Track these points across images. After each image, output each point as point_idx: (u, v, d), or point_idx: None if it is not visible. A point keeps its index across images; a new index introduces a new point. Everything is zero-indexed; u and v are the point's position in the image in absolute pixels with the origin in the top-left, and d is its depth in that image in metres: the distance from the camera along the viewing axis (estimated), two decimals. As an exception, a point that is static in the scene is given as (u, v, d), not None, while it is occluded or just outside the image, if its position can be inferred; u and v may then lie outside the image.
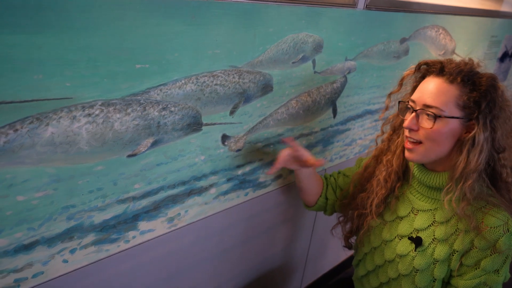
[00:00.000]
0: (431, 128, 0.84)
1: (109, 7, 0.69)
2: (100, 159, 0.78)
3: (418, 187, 0.97)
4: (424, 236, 0.92)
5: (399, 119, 1.01)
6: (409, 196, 0.99)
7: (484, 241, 0.83)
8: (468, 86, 0.84)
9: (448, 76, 0.85)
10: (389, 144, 1.04)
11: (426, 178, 0.94)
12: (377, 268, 1.04)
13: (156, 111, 0.83)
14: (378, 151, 1.07)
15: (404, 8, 1.42)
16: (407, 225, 0.96)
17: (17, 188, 0.69)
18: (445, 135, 0.85)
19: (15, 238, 0.72)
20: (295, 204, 1.42)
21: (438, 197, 0.93)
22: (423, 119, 0.86)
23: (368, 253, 1.07)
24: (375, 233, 1.03)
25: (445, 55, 1.83)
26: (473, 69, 0.87)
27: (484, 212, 0.85)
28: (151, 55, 0.78)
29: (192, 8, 0.80)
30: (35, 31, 0.62)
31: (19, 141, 0.66)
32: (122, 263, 0.92)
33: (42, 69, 0.65)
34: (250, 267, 1.39)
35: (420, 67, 0.94)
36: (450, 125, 0.84)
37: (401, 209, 0.99)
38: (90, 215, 0.81)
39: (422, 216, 0.94)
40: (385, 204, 1.03)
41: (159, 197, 0.93)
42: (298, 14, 1.04)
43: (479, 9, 1.98)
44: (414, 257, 0.92)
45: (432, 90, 0.85)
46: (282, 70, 1.07)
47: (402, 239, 0.96)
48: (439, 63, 0.88)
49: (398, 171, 1.00)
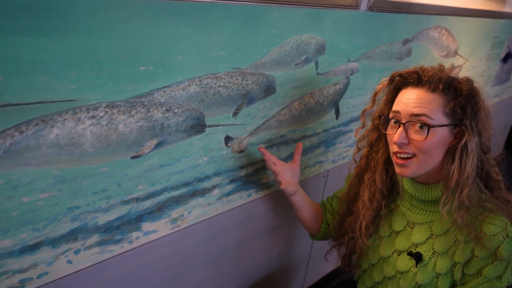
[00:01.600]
0: (425, 140, 0.82)
1: (114, 9, 0.69)
2: (104, 160, 0.79)
3: (412, 201, 0.95)
4: (423, 250, 0.90)
5: (375, 134, 0.98)
6: (402, 210, 0.96)
7: (484, 249, 0.82)
8: (451, 92, 0.83)
9: (428, 85, 0.83)
10: (368, 161, 1.00)
11: (419, 193, 0.91)
12: (376, 285, 1.02)
13: (160, 112, 0.83)
14: (359, 169, 1.04)
15: (406, 10, 1.42)
16: (404, 239, 0.94)
17: (22, 189, 0.69)
18: (437, 145, 0.83)
19: (20, 239, 0.73)
20: (297, 205, 1.42)
21: (433, 209, 0.91)
22: (413, 131, 0.83)
23: (366, 270, 1.05)
24: (372, 250, 1.01)
25: (447, 56, 1.83)
26: (450, 75, 0.85)
27: (481, 220, 0.83)
28: (155, 57, 0.78)
29: (195, 10, 0.81)
30: (40, 33, 0.62)
31: (25, 143, 0.67)
32: (126, 264, 0.93)
33: (47, 72, 0.65)
34: (253, 267, 1.39)
35: (393, 79, 0.91)
36: (440, 134, 0.82)
37: (396, 223, 0.97)
38: (94, 216, 0.82)
39: (419, 230, 0.92)
40: (374, 224, 1.00)
41: (162, 198, 0.93)
42: (301, 16, 1.04)
43: (481, 10, 1.98)
44: (416, 273, 0.90)
45: (417, 100, 0.83)
46: (285, 71, 1.08)
47: (400, 254, 0.94)
48: (415, 73, 0.86)
49: (382, 189, 0.97)
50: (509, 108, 3.11)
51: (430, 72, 0.85)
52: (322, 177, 1.46)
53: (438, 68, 0.87)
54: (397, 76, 0.90)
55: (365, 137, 1.02)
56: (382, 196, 0.97)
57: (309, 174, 1.39)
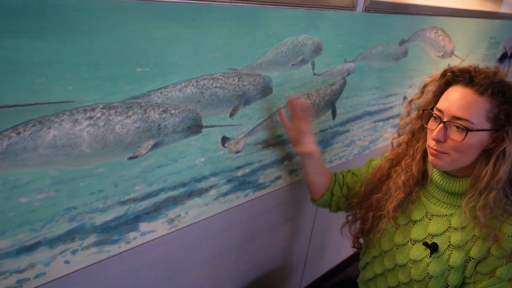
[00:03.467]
0: (462, 141, 0.82)
1: (110, 11, 0.69)
2: (102, 161, 0.79)
3: (435, 192, 0.96)
4: (439, 242, 0.91)
5: (418, 123, 1.00)
6: (423, 200, 0.98)
7: (501, 249, 0.82)
8: (498, 98, 0.82)
9: (478, 87, 0.82)
10: (408, 148, 1.02)
11: (446, 184, 0.92)
12: (387, 272, 1.03)
13: (156, 113, 0.84)
14: (394, 154, 1.06)
15: (402, 10, 1.43)
16: (420, 229, 0.95)
17: (20, 190, 0.70)
18: (473, 147, 0.84)
19: (18, 239, 0.73)
20: (294, 205, 1.43)
21: (455, 203, 0.92)
22: (452, 131, 0.84)
23: (377, 256, 1.06)
24: (386, 236, 1.02)
25: (444, 56, 1.84)
26: (502, 80, 0.84)
27: (502, 220, 0.84)
28: (152, 59, 0.79)
29: (192, 11, 0.81)
30: (37, 35, 0.63)
31: (22, 144, 0.67)
32: (123, 264, 0.93)
33: (44, 73, 0.65)
34: (250, 268, 1.40)
35: (445, 74, 0.91)
36: (479, 137, 0.83)
37: (415, 213, 0.98)
38: (92, 216, 0.82)
39: (437, 221, 0.93)
40: (401, 208, 1.01)
41: (159, 198, 0.94)
42: (298, 17, 1.05)
43: (478, 11, 1.99)
44: (428, 263, 0.91)
45: (461, 102, 0.83)
46: (281, 72, 1.08)
47: (415, 244, 0.95)
48: (467, 72, 0.85)
49: (417, 176, 0.99)
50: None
51: (483, 74, 0.84)
52: (319, 177, 1.47)
53: (492, 71, 0.86)
54: (449, 72, 0.89)
55: (408, 124, 1.04)
56: (416, 182, 1.00)
57: (306, 174, 1.39)
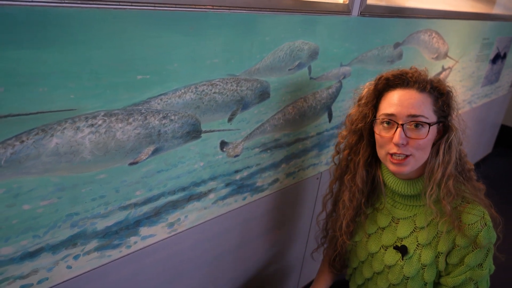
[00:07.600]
0: (425, 138, 0.85)
1: (110, 21, 0.71)
2: (103, 167, 0.80)
3: (394, 197, 0.98)
4: (408, 243, 0.94)
5: (354, 137, 1.00)
6: (387, 207, 1.00)
7: (464, 238, 0.86)
8: (435, 92, 0.88)
9: (417, 85, 0.87)
10: (348, 163, 1.03)
11: (402, 189, 0.94)
12: (367, 282, 1.05)
13: (156, 120, 0.85)
14: (339, 171, 1.07)
15: (397, 14, 1.45)
16: (390, 235, 0.98)
17: (23, 197, 0.71)
18: (431, 142, 0.89)
19: (21, 246, 0.74)
20: (291, 208, 1.44)
21: (416, 203, 0.95)
22: (411, 130, 0.86)
23: (357, 268, 1.09)
24: (360, 247, 1.04)
25: (438, 58, 1.86)
26: (427, 76, 0.91)
27: (460, 210, 0.88)
28: (152, 66, 0.80)
29: (190, 19, 0.83)
30: (39, 46, 0.64)
31: (25, 152, 0.68)
32: (124, 268, 0.95)
33: (47, 82, 0.67)
34: (248, 269, 1.41)
35: (379, 82, 0.93)
36: (434, 131, 0.88)
37: (382, 220, 1.00)
38: (93, 222, 0.84)
39: (403, 224, 0.96)
40: (355, 222, 1.03)
41: (159, 203, 0.95)
42: (294, 22, 1.07)
43: (470, 13, 2.02)
44: (402, 266, 0.94)
45: (411, 101, 0.86)
46: (279, 77, 1.10)
47: (387, 249, 0.98)
48: (401, 75, 0.89)
49: (362, 188, 1.00)
50: (499, 107, 3.17)
51: (415, 73, 0.89)
52: (316, 179, 1.49)
53: (418, 71, 0.91)
54: (384, 79, 0.92)
55: (344, 139, 1.05)
56: (362, 195, 1.01)
57: (303, 177, 1.41)
